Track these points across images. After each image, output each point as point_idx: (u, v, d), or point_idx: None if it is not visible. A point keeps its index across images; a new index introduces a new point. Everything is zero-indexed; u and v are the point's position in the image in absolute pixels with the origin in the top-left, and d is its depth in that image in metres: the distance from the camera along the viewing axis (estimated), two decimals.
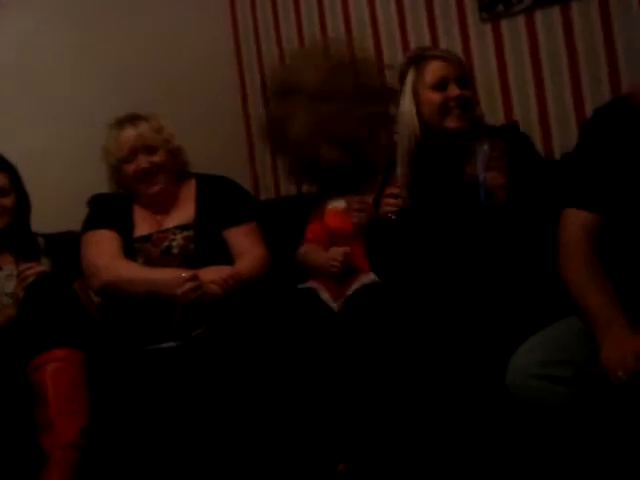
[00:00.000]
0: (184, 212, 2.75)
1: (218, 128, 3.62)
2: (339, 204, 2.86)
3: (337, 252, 2.65)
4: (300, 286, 2.68)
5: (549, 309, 2.02)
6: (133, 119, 2.74)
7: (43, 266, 2.62)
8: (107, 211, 2.74)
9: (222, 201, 2.75)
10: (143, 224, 2.74)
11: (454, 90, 2.35)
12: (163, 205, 2.76)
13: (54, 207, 2.92)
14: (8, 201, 2.69)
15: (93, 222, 2.72)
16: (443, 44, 3.01)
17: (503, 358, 1.90)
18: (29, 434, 2.21)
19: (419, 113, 2.37)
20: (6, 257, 2.71)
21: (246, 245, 2.69)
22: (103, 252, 2.62)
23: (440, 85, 2.36)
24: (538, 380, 1.81)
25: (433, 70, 2.37)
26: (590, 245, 1.90)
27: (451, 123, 2.35)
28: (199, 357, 2.40)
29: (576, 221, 1.93)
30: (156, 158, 2.71)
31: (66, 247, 2.75)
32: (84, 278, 2.63)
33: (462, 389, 2.10)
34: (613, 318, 1.78)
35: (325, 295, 2.60)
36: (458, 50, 2.93)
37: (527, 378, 1.82)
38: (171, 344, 2.49)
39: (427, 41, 3.06)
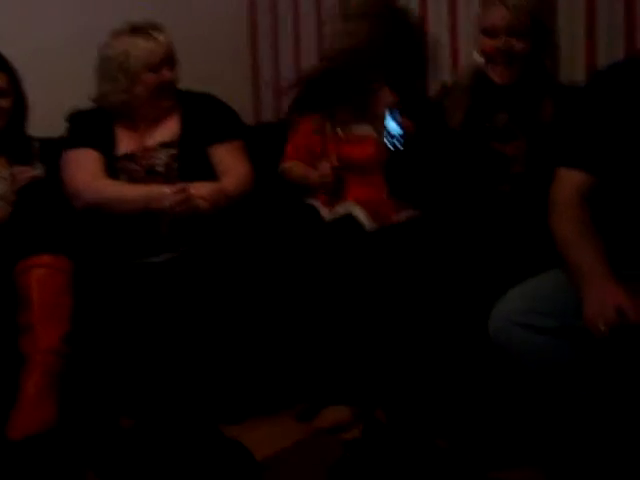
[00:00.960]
0: (168, 129, 2.71)
1: (221, 42, 3.55)
2: (366, 129, 2.70)
3: (325, 167, 2.63)
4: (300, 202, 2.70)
5: (538, 260, 2.04)
6: (156, 28, 2.68)
7: (37, 171, 2.59)
8: (88, 128, 2.69)
9: (207, 118, 2.72)
10: (125, 142, 2.69)
11: (500, 40, 2.30)
12: (147, 119, 2.71)
13: (52, 111, 2.88)
14: (5, 103, 2.64)
15: (73, 140, 2.67)
16: None
17: (490, 303, 1.92)
18: (9, 336, 2.22)
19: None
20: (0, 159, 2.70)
21: (230, 162, 2.68)
22: (84, 172, 2.59)
23: (491, 32, 2.32)
24: (521, 328, 1.83)
25: (488, 15, 2.34)
26: (581, 203, 1.91)
27: (493, 75, 2.35)
28: (188, 272, 2.42)
29: (568, 180, 1.94)
30: (175, 73, 2.69)
31: (62, 152, 2.70)
32: None
33: (449, 328, 2.14)
34: (598, 272, 1.79)
35: (325, 211, 2.62)
36: None
37: (510, 325, 1.84)
38: (159, 258, 2.50)
39: None
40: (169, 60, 2.67)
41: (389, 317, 2.24)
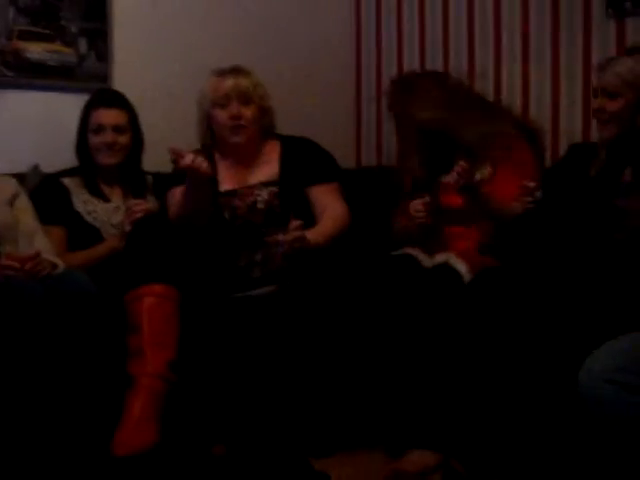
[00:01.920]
0: (268, 169, 2.82)
1: (328, 95, 3.69)
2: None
3: (416, 203, 2.67)
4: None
5: (633, 317, 2.04)
6: (234, 70, 2.81)
7: (150, 204, 2.75)
8: None
9: (305, 160, 2.82)
10: (227, 179, 2.81)
11: (595, 101, 2.45)
12: (246, 159, 2.82)
13: (165, 147, 3.03)
14: (124, 139, 2.81)
15: (178, 178, 2.70)
16: (564, 37, 3.00)
17: (580, 357, 1.93)
18: (118, 359, 2.34)
19: None
20: (116, 190, 2.86)
21: (328, 202, 2.77)
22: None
23: (594, 94, 2.49)
24: (611, 385, 1.82)
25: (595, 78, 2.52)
26: None
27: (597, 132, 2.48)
28: (288, 307, 2.50)
29: None
30: (248, 111, 2.77)
31: (172, 187, 2.81)
32: None
33: (538, 381, 2.15)
34: None
35: (422, 256, 2.66)
36: (579, 44, 2.92)
37: (599, 381, 1.83)
38: (259, 292, 2.61)
39: (548, 32, 3.04)
40: (239, 97, 2.76)
41: (479, 366, 2.28)
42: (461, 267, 2.51)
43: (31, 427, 2.15)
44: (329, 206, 2.76)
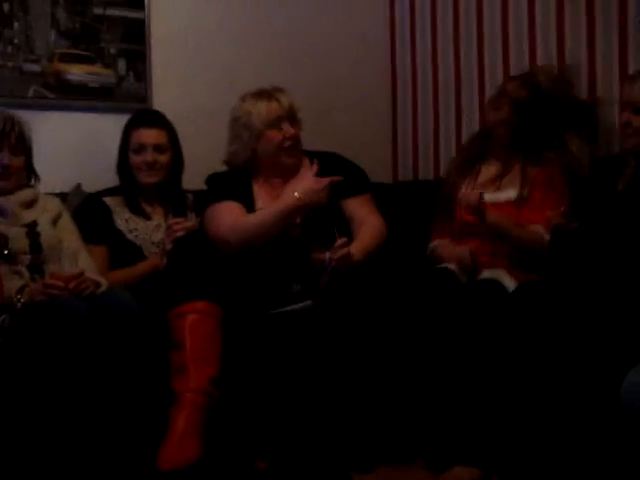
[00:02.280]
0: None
1: (364, 110, 3.72)
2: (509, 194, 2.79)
3: (464, 252, 2.69)
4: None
5: None
6: (277, 91, 2.83)
7: (191, 222, 2.79)
8: (226, 186, 2.81)
9: (337, 174, 2.80)
10: (263, 197, 2.82)
11: (622, 115, 2.44)
12: (287, 177, 2.82)
13: (204, 165, 3.07)
14: (165, 158, 2.86)
15: (215, 195, 2.79)
16: (600, 49, 2.99)
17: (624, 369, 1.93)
18: (161, 376, 2.38)
19: None
20: (157, 209, 2.92)
21: (364, 214, 2.80)
22: (228, 218, 2.70)
23: (622, 107, 2.48)
24: None
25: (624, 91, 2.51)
26: None
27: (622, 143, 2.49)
28: (326, 321, 2.52)
29: None
30: (298, 129, 2.82)
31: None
32: None
33: (579, 397, 2.15)
34: None
35: (461, 275, 2.67)
36: (615, 57, 2.92)
37: None
38: (297, 306, 2.61)
39: (584, 46, 3.05)
40: (289, 117, 2.79)
41: (522, 380, 2.28)
42: (508, 282, 2.54)
43: (79, 444, 2.19)
44: (366, 219, 2.79)
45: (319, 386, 2.44)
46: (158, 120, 2.91)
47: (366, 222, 2.78)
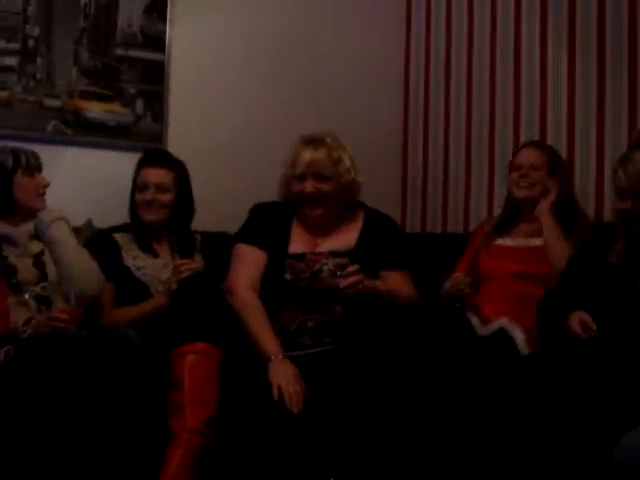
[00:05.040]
0: (344, 239, 2.80)
1: (376, 161, 3.74)
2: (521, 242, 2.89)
3: (459, 279, 2.79)
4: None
5: None
6: (317, 141, 2.76)
7: (197, 263, 2.81)
8: (264, 225, 2.80)
9: (383, 241, 2.80)
10: (299, 241, 2.80)
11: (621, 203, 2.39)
12: (321, 228, 2.81)
13: (215, 208, 3.12)
14: (167, 197, 2.88)
15: (248, 234, 2.80)
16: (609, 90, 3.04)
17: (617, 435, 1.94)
18: (159, 414, 2.40)
19: None
20: (164, 247, 2.94)
21: (399, 287, 2.74)
22: (245, 275, 2.70)
23: (620, 196, 2.40)
24: None
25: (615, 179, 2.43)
26: None
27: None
28: (334, 367, 2.52)
29: None
30: (325, 186, 2.74)
31: (219, 247, 2.92)
32: None
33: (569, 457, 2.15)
34: None
35: (474, 319, 2.73)
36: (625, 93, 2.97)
37: (636, 460, 1.85)
38: (303, 352, 2.65)
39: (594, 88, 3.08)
40: (315, 173, 2.73)
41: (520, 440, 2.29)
42: (518, 335, 2.58)
43: (77, 477, 2.20)
44: (401, 291, 2.74)
45: (319, 432, 2.42)
46: (163, 159, 2.93)
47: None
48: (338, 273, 2.57)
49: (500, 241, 2.92)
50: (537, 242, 2.82)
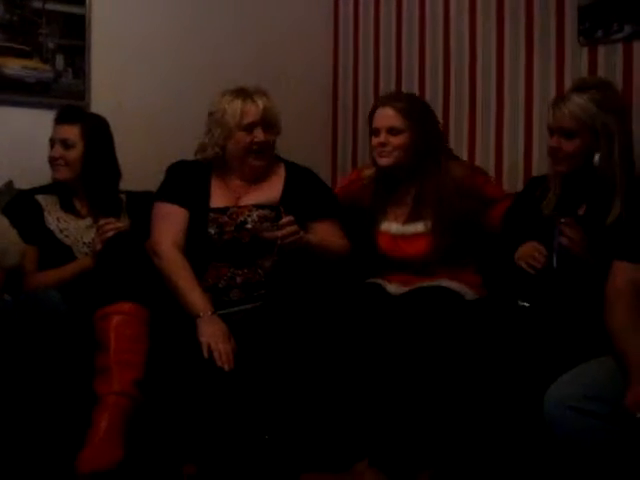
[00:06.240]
0: (267, 192, 2.79)
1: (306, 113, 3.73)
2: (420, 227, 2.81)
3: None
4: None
5: (593, 346, 2.09)
6: (258, 92, 2.77)
7: (122, 223, 2.71)
8: (183, 182, 2.77)
9: (309, 193, 2.80)
10: (220, 196, 2.78)
11: (551, 139, 2.44)
12: (251, 180, 2.81)
13: (139, 166, 3.04)
14: (72, 154, 2.77)
15: (167, 192, 2.76)
16: (537, 63, 3.04)
17: (542, 387, 1.97)
18: (84, 377, 2.35)
19: None
20: (85, 208, 2.84)
21: (330, 237, 2.76)
22: (167, 233, 2.67)
23: (550, 132, 2.47)
24: (575, 412, 1.88)
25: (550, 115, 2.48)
26: (634, 294, 2.00)
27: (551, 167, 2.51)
28: (262, 325, 2.52)
29: (622, 272, 2.04)
30: (272, 137, 2.77)
31: (145, 206, 2.82)
32: None
33: (503, 408, 2.18)
34: None
35: (390, 287, 2.73)
36: (552, 71, 2.98)
37: (565, 409, 1.89)
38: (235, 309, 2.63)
39: (522, 59, 3.09)
40: (264, 123, 2.74)
41: (444, 392, 2.32)
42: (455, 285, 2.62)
43: None
44: (332, 241, 2.76)
45: (251, 389, 2.42)
46: (71, 115, 2.81)
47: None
48: (274, 226, 2.55)
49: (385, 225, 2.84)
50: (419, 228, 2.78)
